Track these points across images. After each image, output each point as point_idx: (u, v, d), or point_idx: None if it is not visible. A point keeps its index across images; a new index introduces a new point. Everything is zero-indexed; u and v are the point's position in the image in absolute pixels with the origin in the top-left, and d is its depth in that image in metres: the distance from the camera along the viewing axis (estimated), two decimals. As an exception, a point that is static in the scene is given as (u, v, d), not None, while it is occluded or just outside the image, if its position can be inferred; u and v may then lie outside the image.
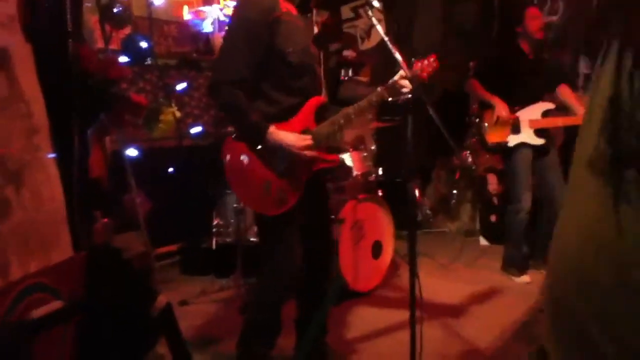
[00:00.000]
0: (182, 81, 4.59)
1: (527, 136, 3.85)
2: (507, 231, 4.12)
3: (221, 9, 5.13)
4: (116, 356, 1.88)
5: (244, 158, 2.28)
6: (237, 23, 2.29)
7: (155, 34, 4.60)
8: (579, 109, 3.77)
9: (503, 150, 3.94)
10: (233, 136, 2.34)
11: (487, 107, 3.95)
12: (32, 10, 2.08)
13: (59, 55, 2.20)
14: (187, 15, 5.06)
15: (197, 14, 5.11)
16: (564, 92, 3.95)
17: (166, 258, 4.46)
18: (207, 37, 5.16)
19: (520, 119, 3.86)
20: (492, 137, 3.94)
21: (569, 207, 0.89)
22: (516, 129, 3.87)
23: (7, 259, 1.82)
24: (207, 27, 5.13)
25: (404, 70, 2.26)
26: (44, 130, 2.13)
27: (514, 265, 4.03)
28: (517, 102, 3.88)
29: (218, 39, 5.20)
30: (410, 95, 2.28)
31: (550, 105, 3.88)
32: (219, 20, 5.15)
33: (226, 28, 2.39)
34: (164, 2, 4.62)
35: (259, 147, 2.24)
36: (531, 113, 3.86)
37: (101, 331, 1.86)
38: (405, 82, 2.28)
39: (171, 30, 4.98)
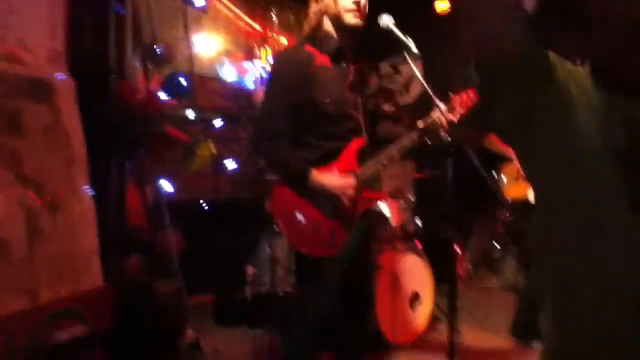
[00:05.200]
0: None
1: None
2: (525, 295, 3.62)
3: (263, 67, 5.24)
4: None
5: (292, 202, 2.30)
6: (274, 79, 2.37)
7: (198, 88, 4.70)
8: None
9: (524, 208, 3.53)
10: (279, 183, 2.38)
11: (506, 160, 3.63)
12: (77, 47, 2.17)
13: (101, 91, 2.27)
14: (226, 67, 5.13)
15: (239, 69, 5.22)
16: None
17: (200, 307, 4.39)
18: (249, 94, 5.26)
19: None
20: (511, 193, 3.63)
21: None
22: None
23: (37, 283, 1.82)
24: (249, 84, 5.24)
25: (442, 114, 2.25)
26: (81, 162, 2.18)
27: (529, 331, 3.49)
28: None
29: (260, 96, 5.30)
30: (450, 139, 2.27)
31: None
32: (261, 77, 5.26)
33: (265, 84, 2.46)
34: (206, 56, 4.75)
35: (305, 191, 2.26)
36: None
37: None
38: (442, 118, 2.28)
39: (214, 86, 5.09)
